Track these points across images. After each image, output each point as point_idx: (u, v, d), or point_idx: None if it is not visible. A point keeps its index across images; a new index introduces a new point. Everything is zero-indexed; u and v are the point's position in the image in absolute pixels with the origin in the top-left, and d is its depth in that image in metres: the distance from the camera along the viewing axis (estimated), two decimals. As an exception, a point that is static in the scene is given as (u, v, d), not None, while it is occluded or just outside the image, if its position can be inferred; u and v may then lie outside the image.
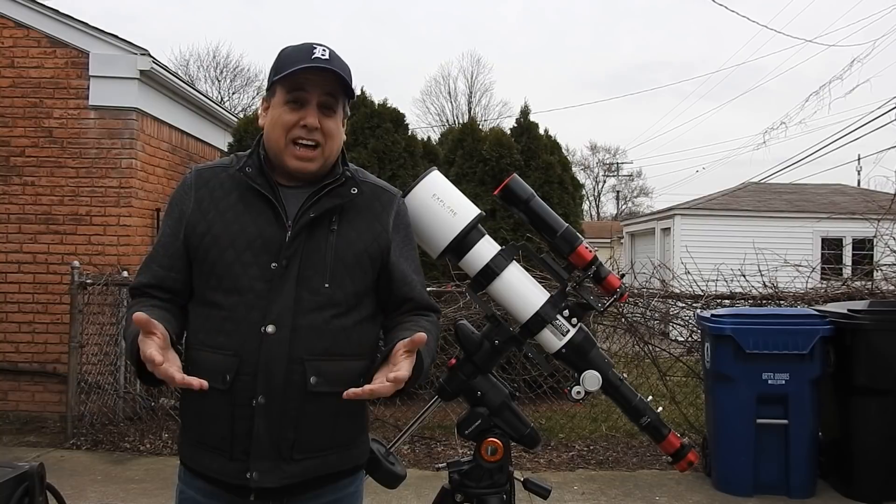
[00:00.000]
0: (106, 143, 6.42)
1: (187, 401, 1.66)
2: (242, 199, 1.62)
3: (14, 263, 6.40)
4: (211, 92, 30.32)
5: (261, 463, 1.54)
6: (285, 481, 1.55)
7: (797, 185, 18.16)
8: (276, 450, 1.54)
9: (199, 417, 1.60)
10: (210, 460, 1.58)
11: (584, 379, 1.74)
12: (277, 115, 1.60)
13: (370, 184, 1.70)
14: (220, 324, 1.55)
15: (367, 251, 1.63)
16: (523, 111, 8.04)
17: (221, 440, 1.56)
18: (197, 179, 1.67)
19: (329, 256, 1.59)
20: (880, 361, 4.49)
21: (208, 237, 1.59)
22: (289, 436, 1.55)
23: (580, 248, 1.74)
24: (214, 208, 1.62)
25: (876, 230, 6.93)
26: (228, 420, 1.55)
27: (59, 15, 6.46)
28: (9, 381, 6.35)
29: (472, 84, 39.08)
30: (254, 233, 1.58)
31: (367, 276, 1.64)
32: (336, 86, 1.60)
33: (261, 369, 1.53)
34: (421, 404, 1.93)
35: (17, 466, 2.27)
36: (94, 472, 4.99)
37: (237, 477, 1.55)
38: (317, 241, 1.59)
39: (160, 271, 1.64)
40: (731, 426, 4.65)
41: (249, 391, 1.53)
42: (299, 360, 1.54)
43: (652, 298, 6.19)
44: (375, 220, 1.66)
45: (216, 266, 1.57)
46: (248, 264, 1.56)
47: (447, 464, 1.79)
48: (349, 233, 1.63)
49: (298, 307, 1.55)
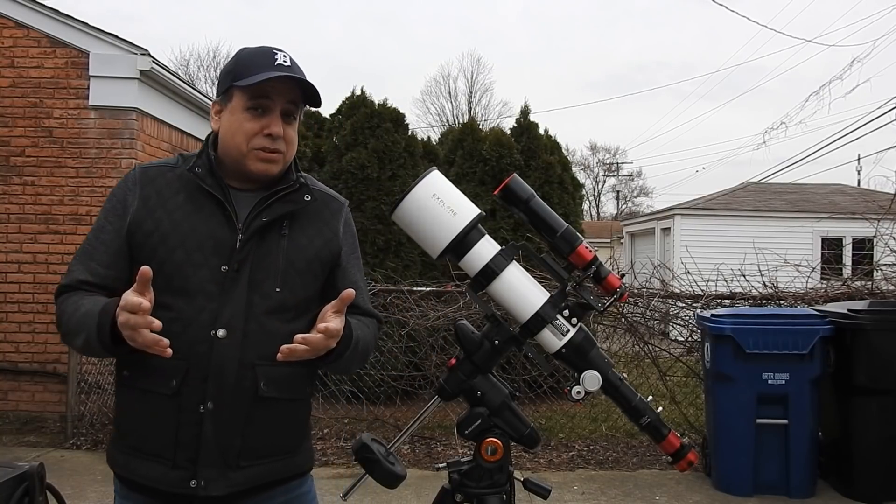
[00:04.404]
0: (106, 143, 6.42)
1: (124, 405, 1.61)
2: (191, 199, 1.59)
3: (14, 263, 6.40)
4: (211, 92, 30.26)
5: (208, 470, 1.51)
6: (230, 489, 1.53)
7: (797, 185, 18.17)
8: (223, 457, 1.52)
9: (139, 423, 1.55)
10: (148, 468, 1.53)
11: (584, 379, 1.74)
12: (238, 122, 1.57)
13: (320, 191, 1.72)
14: (167, 325, 1.43)
15: (318, 257, 1.64)
16: (523, 111, 8.05)
17: (163, 447, 1.52)
18: (142, 177, 1.62)
19: (281, 261, 1.58)
20: (880, 361, 4.49)
21: (156, 235, 1.56)
22: (235, 443, 1.53)
23: (580, 248, 1.74)
24: (162, 207, 1.58)
25: (876, 230, 6.93)
26: (173, 426, 1.51)
27: (59, 15, 6.46)
28: (9, 381, 6.35)
29: (472, 84, 39.16)
30: (204, 234, 1.56)
31: (318, 281, 1.65)
32: (298, 94, 1.59)
33: (211, 374, 1.50)
34: (421, 404, 1.93)
35: (17, 466, 2.27)
36: (94, 472, 4.98)
37: (179, 486, 1.51)
38: (268, 245, 1.58)
39: (100, 269, 1.57)
40: (731, 426, 4.65)
41: (198, 396, 1.50)
42: (250, 365, 1.52)
43: (652, 298, 6.19)
44: (325, 226, 1.68)
45: (164, 265, 1.53)
46: (198, 265, 1.53)
47: (447, 464, 1.79)
48: (300, 238, 1.63)
49: (250, 311, 1.54)
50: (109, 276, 1.58)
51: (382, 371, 5.88)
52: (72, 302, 1.55)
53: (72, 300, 1.56)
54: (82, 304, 1.52)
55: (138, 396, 1.55)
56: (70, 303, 1.55)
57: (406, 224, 1.75)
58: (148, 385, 1.52)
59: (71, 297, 1.57)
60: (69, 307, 1.55)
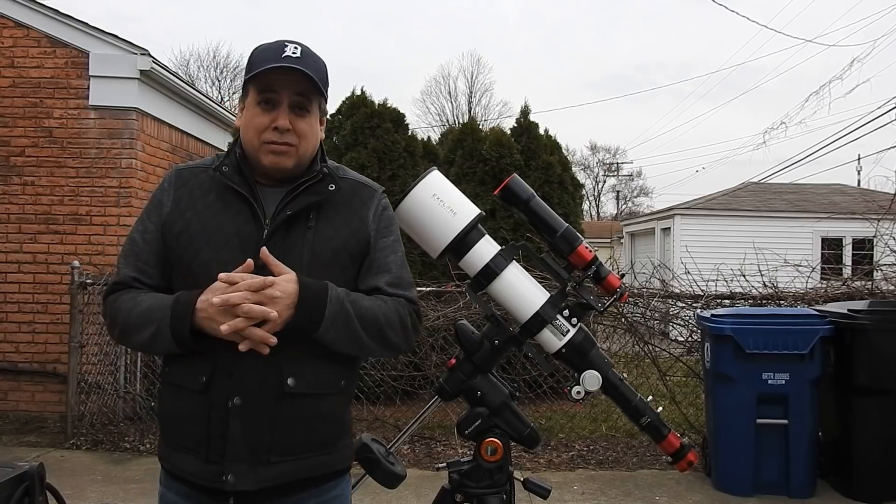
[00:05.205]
0: (106, 143, 6.42)
1: (163, 403, 1.64)
2: (220, 198, 1.60)
3: (14, 263, 6.40)
4: (211, 92, 30.35)
5: (236, 465, 1.52)
6: (261, 484, 1.53)
7: (797, 185, 18.16)
8: (252, 452, 1.52)
9: (176, 419, 1.58)
10: (186, 463, 1.56)
11: (584, 379, 1.74)
12: (250, 117, 1.59)
13: (350, 180, 1.69)
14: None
15: (345, 247, 1.61)
16: (523, 111, 8.04)
17: (197, 442, 1.54)
18: (177, 179, 1.65)
19: (306, 254, 1.57)
20: (880, 361, 4.49)
21: (184, 236, 1.58)
22: (265, 438, 1.53)
23: (580, 248, 1.74)
24: (192, 208, 1.60)
25: (876, 230, 6.93)
26: (204, 422, 1.53)
27: (59, 15, 6.46)
28: (9, 381, 6.35)
29: (472, 84, 39.17)
30: (231, 231, 1.57)
31: (347, 272, 1.62)
32: (307, 85, 1.57)
33: (237, 370, 1.51)
34: (421, 404, 1.93)
35: (17, 466, 2.27)
36: (94, 472, 4.99)
37: (213, 480, 1.53)
38: (293, 239, 1.58)
39: (147, 268, 1.61)
40: (731, 426, 4.65)
41: (225, 392, 1.51)
42: (276, 361, 1.51)
43: (652, 298, 6.19)
44: (354, 215, 1.64)
45: (192, 265, 1.56)
46: (225, 263, 1.53)
47: (447, 464, 1.79)
48: (326, 229, 1.61)
49: None
50: (156, 275, 1.61)
51: (382, 371, 5.88)
52: (127, 299, 1.57)
53: (126, 297, 1.58)
54: (142, 300, 1.55)
55: (174, 392, 1.58)
56: (125, 300, 1.57)
57: (406, 224, 1.75)
58: (181, 381, 1.55)
59: (123, 294, 1.59)
60: (125, 304, 1.57)
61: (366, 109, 7.37)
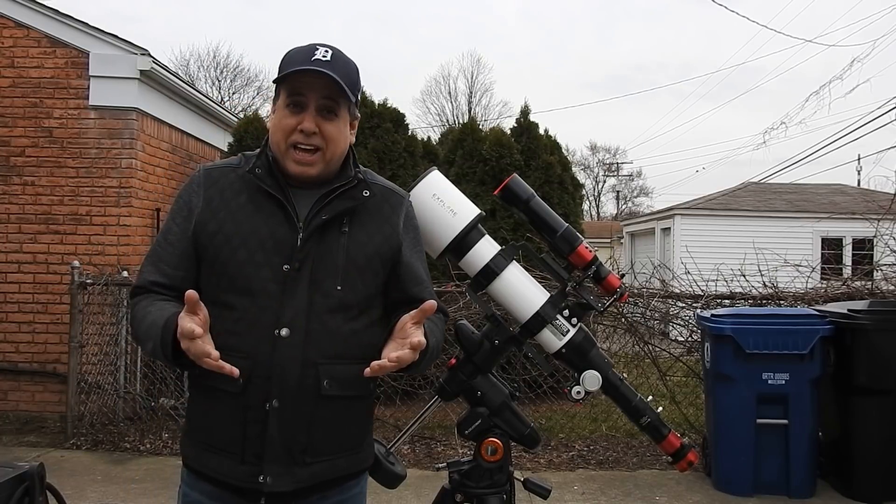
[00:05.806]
0: (106, 143, 6.42)
1: (196, 402, 1.64)
2: (252, 200, 1.60)
3: (14, 263, 6.40)
4: (211, 92, 30.32)
5: (274, 467, 1.53)
6: (297, 485, 1.55)
7: (797, 185, 18.17)
8: (289, 454, 1.53)
9: (209, 419, 1.59)
10: (218, 463, 1.57)
11: (584, 379, 1.74)
12: (278, 119, 1.59)
13: (379, 185, 1.70)
14: (233, 325, 1.53)
15: (378, 253, 1.62)
16: (523, 111, 8.04)
17: (232, 443, 1.55)
18: (206, 178, 1.65)
19: (341, 259, 1.58)
20: (880, 361, 4.49)
21: (219, 236, 1.58)
22: (301, 440, 1.54)
23: (580, 248, 1.74)
24: (225, 208, 1.60)
25: (876, 230, 6.93)
26: (241, 423, 1.53)
27: (59, 15, 6.46)
28: (9, 381, 6.35)
29: (472, 84, 39.14)
30: (265, 233, 1.57)
31: (378, 278, 1.63)
32: (335, 89, 1.57)
33: (275, 372, 1.52)
34: (421, 404, 1.93)
35: (17, 466, 2.28)
36: (94, 472, 4.99)
37: (248, 480, 1.54)
38: (328, 243, 1.58)
39: (169, 270, 1.61)
40: (731, 426, 4.65)
41: (263, 394, 1.52)
42: (313, 363, 1.53)
43: (652, 298, 6.19)
44: (385, 221, 1.66)
45: (227, 266, 1.56)
46: (260, 265, 1.54)
47: (447, 464, 1.79)
48: (360, 235, 1.61)
49: (312, 310, 1.54)
50: (178, 276, 1.60)
51: (382, 371, 5.88)
52: (140, 308, 1.59)
53: (140, 306, 1.59)
54: (149, 312, 1.56)
55: (208, 394, 1.58)
56: (139, 308, 1.59)
57: (406, 224, 1.75)
58: (216, 383, 1.54)
59: (141, 301, 1.61)
60: (138, 313, 1.59)
61: (366, 109, 7.37)
